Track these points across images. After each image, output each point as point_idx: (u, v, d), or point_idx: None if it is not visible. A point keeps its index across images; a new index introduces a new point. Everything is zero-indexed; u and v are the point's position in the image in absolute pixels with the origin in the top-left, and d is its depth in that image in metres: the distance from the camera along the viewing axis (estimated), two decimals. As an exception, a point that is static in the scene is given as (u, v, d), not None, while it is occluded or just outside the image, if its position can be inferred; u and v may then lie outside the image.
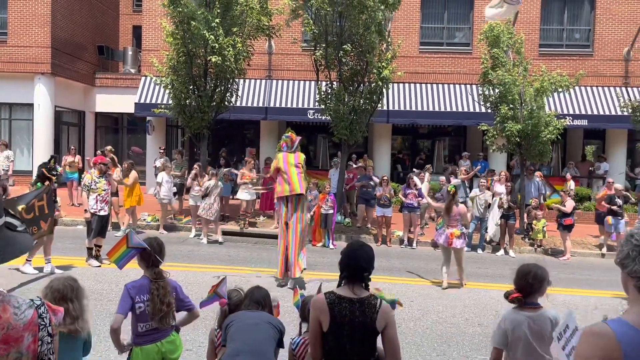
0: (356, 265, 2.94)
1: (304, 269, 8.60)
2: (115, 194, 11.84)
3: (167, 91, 14.38)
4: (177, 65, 13.73)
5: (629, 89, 17.27)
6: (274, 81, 18.36)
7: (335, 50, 13.28)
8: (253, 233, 13.33)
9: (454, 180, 13.38)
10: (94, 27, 21.65)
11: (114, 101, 20.64)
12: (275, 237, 12.95)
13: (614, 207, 12.51)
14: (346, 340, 2.85)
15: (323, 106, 14.05)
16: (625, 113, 15.42)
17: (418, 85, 18.14)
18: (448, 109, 17.55)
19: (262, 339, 3.40)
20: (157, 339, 3.75)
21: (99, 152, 15.11)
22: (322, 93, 14.08)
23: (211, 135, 15.31)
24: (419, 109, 17.62)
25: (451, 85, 18.05)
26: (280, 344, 3.53)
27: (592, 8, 18.08)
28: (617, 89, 17.18)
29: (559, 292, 8.18)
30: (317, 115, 16.60)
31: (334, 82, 13.99)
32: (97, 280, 8.05)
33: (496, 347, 3.48)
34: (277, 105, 17.75)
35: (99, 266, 9.10)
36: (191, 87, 13.94)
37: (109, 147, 14.54)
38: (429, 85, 18.14)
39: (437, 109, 17.60)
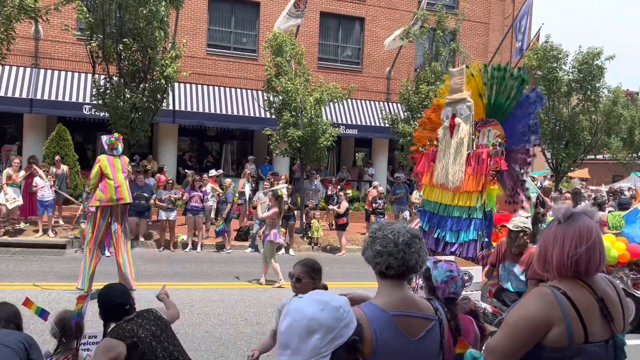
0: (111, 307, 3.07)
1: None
2: None
3: None
4: None
5: (390, 104, 19.79)
6: (42, 70, 16.30)
7: (114, 42, 12.36)
8: (12, 243, 11.59)
9: (278, 185, 13.57)
10: None
11: None
12: (39, 246, 11.52)
13: (377, 207, 14.18)
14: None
15: (100, 101, 12.95)
16: (387, 125, 17.62)
17: (205, 87, 18.00)
18: (235, 113, 17.79)
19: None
20: None
21: None
22: (100, 87, 12.99)
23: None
24: (207, 111, 17.50)
25: (238, 90, 18.35)
26: None
27: (362, 29, 20.28)
28: (381, 103, 19.55)
29: (332, 286, 8.89)
30: (94, 111, 15.22)
31: (113, 77, 13.01)
32: None
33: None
34: (46, 97, 15.78)
35: None
36: None
37: None
38: (216, 88, 18.14)
39: (224, 112, 17.70)
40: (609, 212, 10.08)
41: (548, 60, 17.61)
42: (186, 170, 15.81)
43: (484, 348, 2.33)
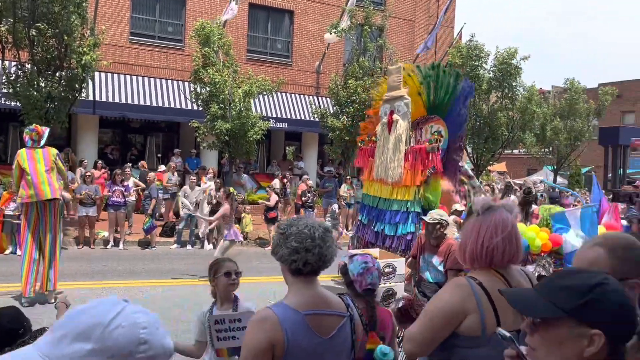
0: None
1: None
2: None
3: None
4: None
5: (320, 98, 19.89)
6: (-57, 55, 14.95)
7: (25, 27, 11.54)
8: None
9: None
10: None
11: None
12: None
13: (306, 200, 14.25)
14: None
15: (11, 90, 12.07)
16: (316, 119, 17.71)
17: (128, 77, 17.26)
18: (160, 104, 17.21)
19: None
20: None
21: None
22: (10, 75, 12.11)
23: None
24: (130, 101, 16.80)
25: (163, 80, 17.75)
26: None
27: (291, 23, 20.20)
28: (310, 97, 19.61)
29: (258, 280, 8.83)
30: (4, 101, 14.16)
31: (26, 64, 12.16)
32: None
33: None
34: (-52, 84, 14.49)
35: None
36: None
37: None
38: (140, 78, 17.45)
39: (149, 103, 17.08)
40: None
41: (471, 58, 18.39)
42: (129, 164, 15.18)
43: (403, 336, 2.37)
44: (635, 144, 19.97)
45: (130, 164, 15.04)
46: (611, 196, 6.26)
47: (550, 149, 23.31)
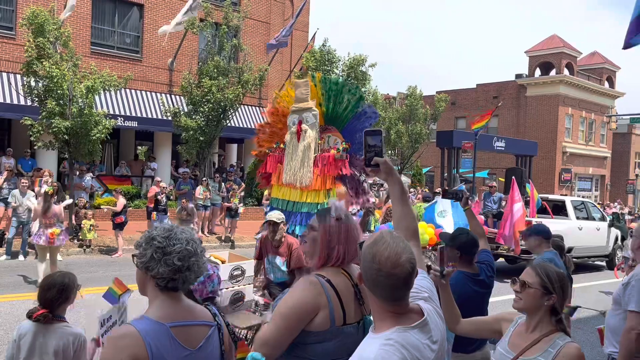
0: None
1: None
2: None
3: None
4: None
5: (173, 96, 19.14)
6: None
7: None
8: None
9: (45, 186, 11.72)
10: None
11: None
12: None
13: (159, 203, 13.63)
14: None
15: None
16: (169, 118, 17.00)
17: (-56, 65, 15.01)
18: (-15, 98, 15.22)
19: None
20: None
21: None
22: None
23: None
24: (-54, 94, 14.62)
25: (-11, 71, 15.73)
26: None
27: (141, 17, 19.16)
28: (163, 95, 18.78)
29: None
30: None
31: None
32: None
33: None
34: None
35: None
36: None
37: None
38: (-41, 68, 15.27)
39: (-30, 96, 15.01)
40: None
41: (324, 62, 19.09)
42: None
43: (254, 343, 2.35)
44: (465, 146, 22.34)
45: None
46: (441, 193, 7.12)
47: (395, 150, 25.14)
